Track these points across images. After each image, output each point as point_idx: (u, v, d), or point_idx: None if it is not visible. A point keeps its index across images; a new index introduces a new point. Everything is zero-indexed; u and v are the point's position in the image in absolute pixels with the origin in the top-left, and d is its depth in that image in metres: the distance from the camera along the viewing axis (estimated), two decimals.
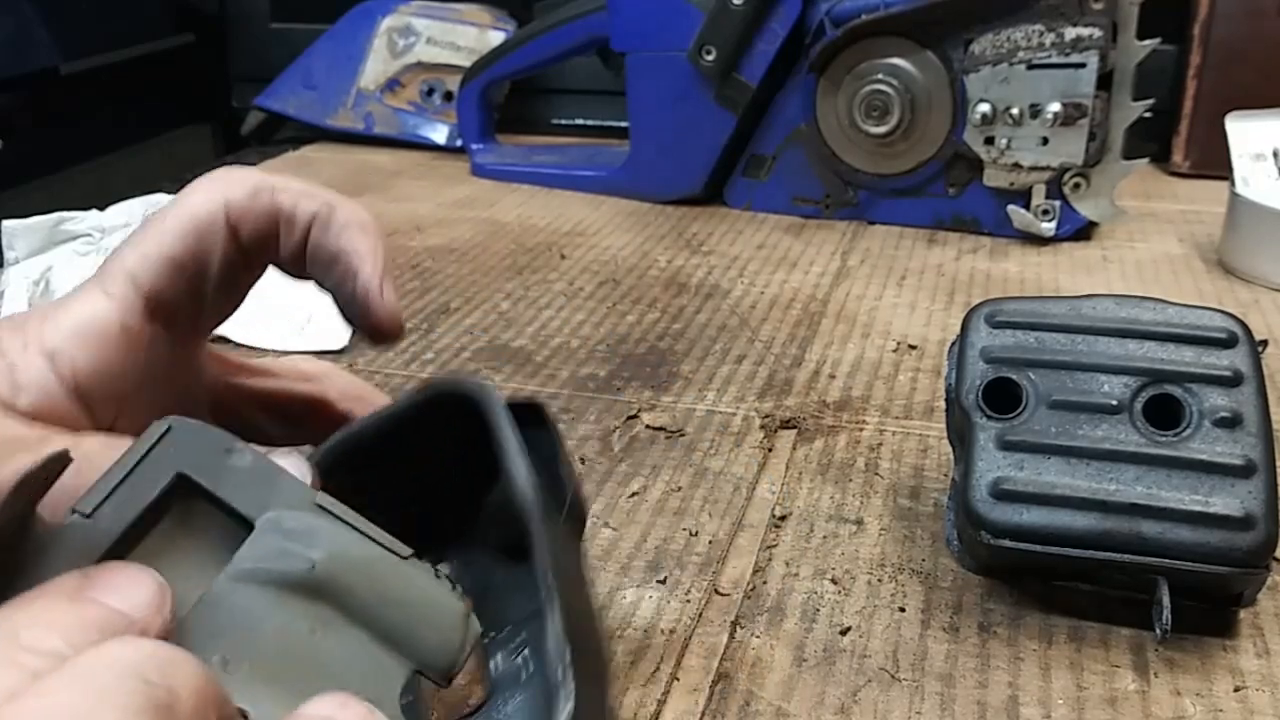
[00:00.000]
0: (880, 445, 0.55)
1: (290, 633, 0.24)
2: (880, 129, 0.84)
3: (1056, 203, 0.82)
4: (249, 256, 0.31)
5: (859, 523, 0.49)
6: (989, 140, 0.82)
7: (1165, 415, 0.42)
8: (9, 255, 0.69)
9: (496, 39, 1.09)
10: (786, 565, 0.46)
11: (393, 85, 1.11)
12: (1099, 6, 0.76)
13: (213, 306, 0.32)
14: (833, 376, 0.63)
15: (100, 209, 0.73)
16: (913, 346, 0.66)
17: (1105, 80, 0.79)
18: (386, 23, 1.11)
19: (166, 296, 0.30)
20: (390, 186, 1.00)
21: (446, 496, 0.34)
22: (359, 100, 1.11)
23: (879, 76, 0.83)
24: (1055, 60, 0.78)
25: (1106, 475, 0.41)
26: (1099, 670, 0.40)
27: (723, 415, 0.58)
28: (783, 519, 0.49)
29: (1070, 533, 0.41)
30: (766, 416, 0.58)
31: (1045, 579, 0.44)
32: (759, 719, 0.38)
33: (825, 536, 0.48)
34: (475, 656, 0.27)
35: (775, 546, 0.47)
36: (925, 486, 0.52)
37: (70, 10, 1.05)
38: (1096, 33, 0.77)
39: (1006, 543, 0.41)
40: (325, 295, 0.32)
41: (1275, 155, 0.81)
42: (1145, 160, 0.82)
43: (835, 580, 0.45)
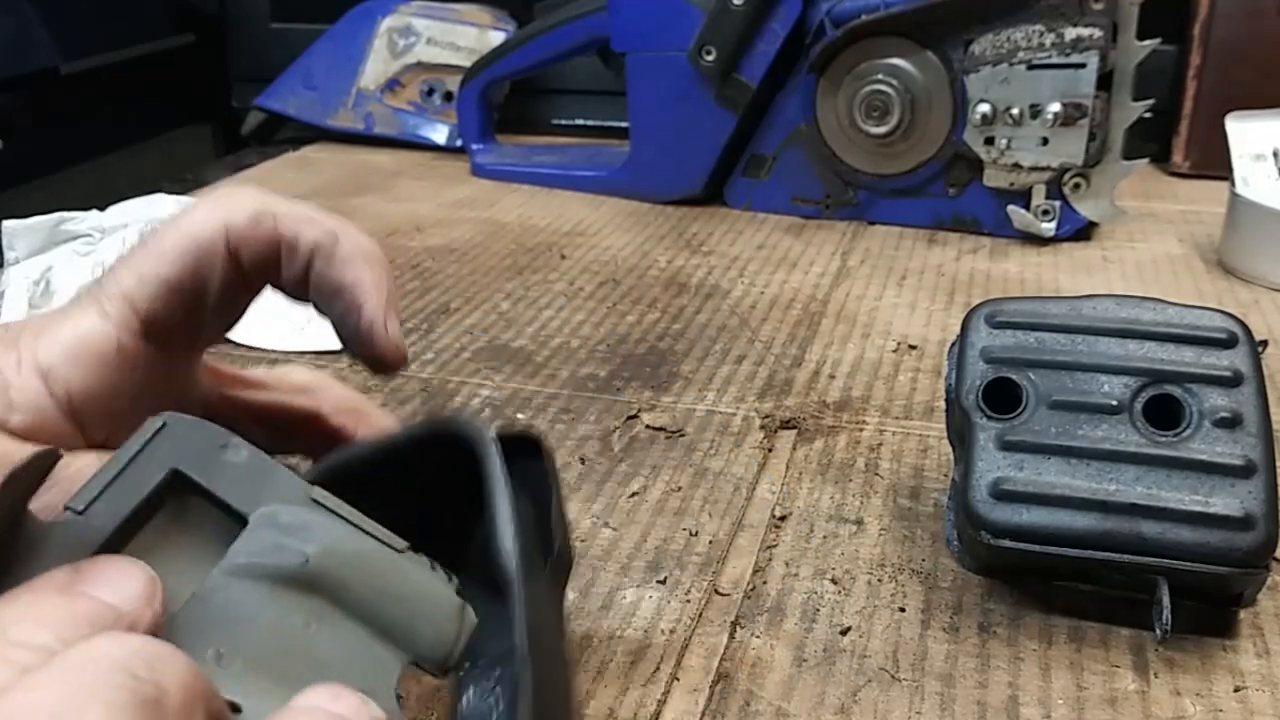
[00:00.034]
0: (880, 445, 0.55)
1: (285, 627, 0.24)
2: (880, 129, 0.84)
3: (1056, 203, 0.82)
4: (249, 280, 0.31)
5: (859, 523, 0.49)
6: (989, 140, 0.82)
7: (1165, 415, 0.42)
8: (9, 255, 0.69)
9: (496, 39, 1.09)
10: (786, 565, 0.46)
11: (393, 85, 1.11)
12: (1099, 6, 0.76)
13: (210, 327, 0.32)
14: (833, 376, 0.63)
15: (100, 209, 0.73)
16: (913, 346, 0.66)
17: (1105, 80, 0.79)
18: (386, 23, 1.11)
19: (162, 318, 0.30)
20: (390, 186, 1.00)
21: (434, 526, 0.34)
22: (359, 100, 1.11)
23: (879, 77, 0.83)
24: (1055, 60, 0.78)
25: (1106, 475, 0.41)
26: (1099, 670, 0.40)
27: (723, 415, 0.58)
28: (783, 519, 0.49)
29: (1070, 533, 0.41)
30: (766, 417, 0.58)
31: (1045, 579, 0.44)
32: (759, 719, 0.38)
33: (825, 536, 0.48)
34: (449, 688, 0.27)
35: (775, 546, 0.47)
36: (925, 486, 0.52)
37: (70, 10, 1.05)
38: (1096, 33, 0.77)
39: (1006, 543, 0.41)
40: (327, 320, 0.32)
41: (1275, 155, 0.81)
42: (1145, 160, 0.82)
43: (835, 580, 0.45)
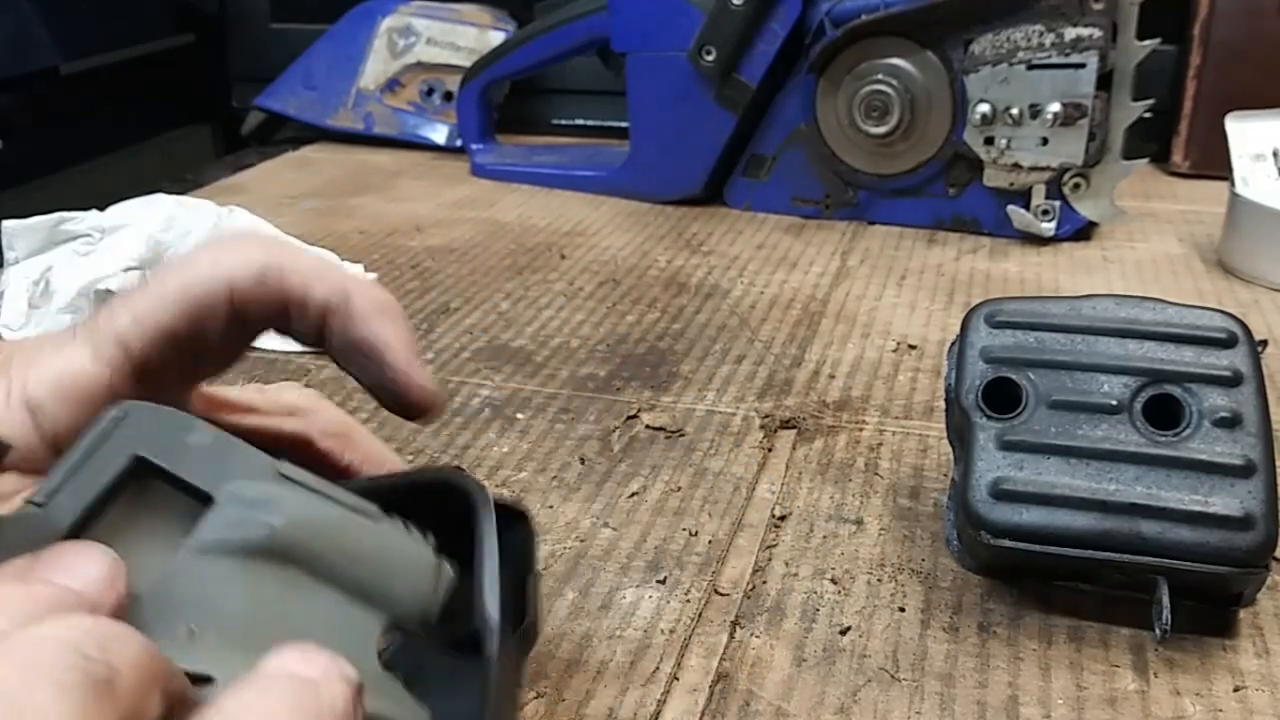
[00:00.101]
0: (880, 445, 0.55)
1: (257, 598, 0.24)
2: (880, 129, 0.84)
3: (1056, 203, 0.82)
4: (252, 331, 0.31)
5: (859, 523, 0.49)
6: (989, 140, 0.82)
7: (1165, 415, 0.42)
8: (9, 255, 0.69)
9: (496, 39, 1.09)
10: (786, 565, 0.46)
11: (393, 85, 1.11)
12: (1099, 6, 0.76)
13: (207, 369, 0.31)
14: (832, 376, 0.63)
15: (100, 209, 0.73)
16: (913, 346, 0.66)
17: (1105, 80, 0.79)
18: (386, 23, 1.11)
19: (156, 365, 0.29)
20: (390, 186, 1.00)
21: None
22: (359, 100, 1.11)
23: (879, 77, 0.83)
24: (1055, 60, 0.78)
25: (1106, 475, 0.41)
26: (1099, 670, 0.40)
27: (722, 415, 0.58)
28: (782, 519, 0.49)
29: (1070, 533, 0.41)
30: (766, 416, 0.58)
31: (1045, 579, 0.44)
32: (759, 719, 0.38)
33: (825, 536, 0.48)
34: None
35: (775, 546, 0.47)
36: (925, 486, 0.52)
37: (70, 10, 1.05)
38: (1096, 33, 0.77)
39: (1006, 543, 0.41)
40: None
41: (1275, 155, 0.81)
42: (1145, 160, 0.82)
43: (835, 580, 0.45)
